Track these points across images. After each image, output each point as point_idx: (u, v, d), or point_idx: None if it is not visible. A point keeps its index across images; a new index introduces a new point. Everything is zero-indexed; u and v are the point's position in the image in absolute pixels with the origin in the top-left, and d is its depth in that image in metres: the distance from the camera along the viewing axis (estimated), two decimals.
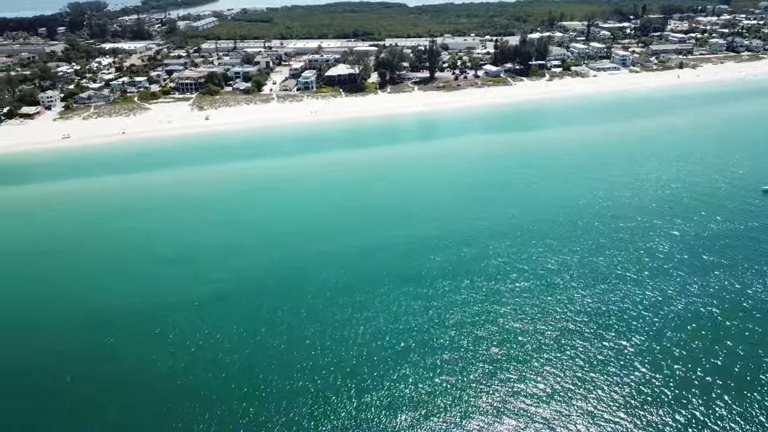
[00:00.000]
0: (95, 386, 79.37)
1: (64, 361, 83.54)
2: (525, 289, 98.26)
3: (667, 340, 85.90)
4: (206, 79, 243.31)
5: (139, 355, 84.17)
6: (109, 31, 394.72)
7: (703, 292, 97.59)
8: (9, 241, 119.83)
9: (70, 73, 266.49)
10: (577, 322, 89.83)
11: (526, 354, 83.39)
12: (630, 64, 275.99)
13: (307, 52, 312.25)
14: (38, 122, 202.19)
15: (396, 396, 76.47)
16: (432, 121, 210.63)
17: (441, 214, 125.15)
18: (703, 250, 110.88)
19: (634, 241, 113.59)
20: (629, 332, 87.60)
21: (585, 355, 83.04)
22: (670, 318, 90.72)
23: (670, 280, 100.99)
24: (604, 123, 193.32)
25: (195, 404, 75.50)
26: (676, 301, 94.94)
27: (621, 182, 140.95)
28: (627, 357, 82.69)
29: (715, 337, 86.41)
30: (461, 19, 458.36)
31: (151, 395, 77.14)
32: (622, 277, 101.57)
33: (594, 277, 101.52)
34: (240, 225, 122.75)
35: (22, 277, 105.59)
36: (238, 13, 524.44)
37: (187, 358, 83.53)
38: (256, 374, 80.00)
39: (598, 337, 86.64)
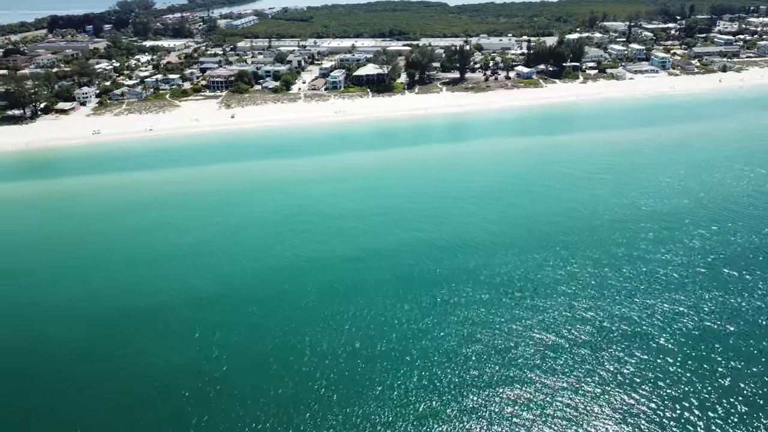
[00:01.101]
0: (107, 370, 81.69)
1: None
2: (526, 297, 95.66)
3: (672, 357, 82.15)
4: (236, 77, 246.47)
5: (136, 348, 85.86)
6: (152, 29, 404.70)
7: (717, 308, 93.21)
8: (28, 234, 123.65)
9: (108, 70, 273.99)
10: (577, 336, 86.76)
11: (519, 367, 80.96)
12: (669, 67, 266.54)
13: (340, 51, 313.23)
14: (72, 118, 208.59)
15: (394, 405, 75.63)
16: (453, 122, 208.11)
17: (445, 219, 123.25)
18: (722, 264, 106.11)
19: (649, 251, 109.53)
20: (631, 349, 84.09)
21: (580, 372, 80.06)
22: (679, 335, 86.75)
23: (683, 294, 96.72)
24: (631, 128, 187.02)
25: (192, 402, 76.39)
26: (686, 318, 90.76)
27: (643, 190, 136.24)
28: (625, 376, 79.33)
29: (726, 356, 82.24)
30: (500, 18, 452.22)
31: (149, 390, 78.51)
32: (630, 290, 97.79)
33: (600, 289, 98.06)
34: (251, 225, 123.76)
35: (31, 268, 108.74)
36: (279, 12, 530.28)
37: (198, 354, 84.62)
38: (255, 375, 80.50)
39: (597, 353, 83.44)
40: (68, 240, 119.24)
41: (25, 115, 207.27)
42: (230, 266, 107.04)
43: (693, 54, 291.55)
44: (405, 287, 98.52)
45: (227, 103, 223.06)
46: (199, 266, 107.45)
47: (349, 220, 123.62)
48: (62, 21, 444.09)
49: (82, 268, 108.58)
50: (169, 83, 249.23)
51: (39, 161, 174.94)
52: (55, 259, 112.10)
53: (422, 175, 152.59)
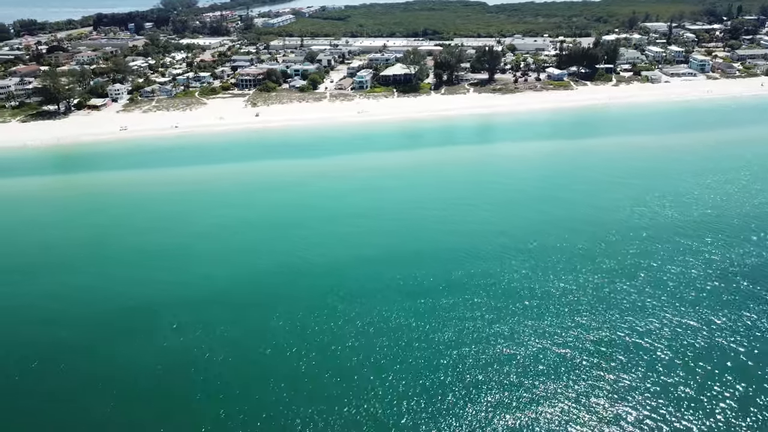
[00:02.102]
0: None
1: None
2: (529, 308, 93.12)
3: (676, 373, 78.91)
4: (265, 76, 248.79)
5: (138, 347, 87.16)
6: (191, 27, 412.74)
7: (731, 325, 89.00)
8: (40, 228, 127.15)
9: (144, 67, 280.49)
10: (579, 350, 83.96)
11: (515, 382, 78.74)
12: (709, 70, 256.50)
13: (371, 50, 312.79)
14: (103, 114, 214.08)
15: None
16: (476, 124, 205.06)
17: (453, 227, 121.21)
18: (742, 279, 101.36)
19: (665, 263, 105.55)
20: (631, 366, 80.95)
21: (579, 387, 77.40)
22: (685, 353, 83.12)
23: (696, 309, 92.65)
24: (661, 133, 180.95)
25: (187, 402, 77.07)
26: (696, 335, 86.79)
27: (668, 198, 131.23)
28: (623, 393, 76.35)
29: (736, 377, 78.40)
30: (539, 18, 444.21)
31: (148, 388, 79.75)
32: (641, 302, 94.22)
33: (609, 301, 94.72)
34: (258, 225, 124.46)
35: (40, 262, 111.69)
36: (316, 11, 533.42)
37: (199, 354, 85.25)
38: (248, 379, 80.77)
39: (598, 369, 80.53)
40: (82, 236, 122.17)
41: (59, 110, 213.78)
42: (235, 267, 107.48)
43: (736, 57, 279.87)
44: (401, 295, 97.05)
45: (253, 102, 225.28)
46: (204, 264, 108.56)
47: (355, 225, 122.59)
48: (107, 19, 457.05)
49: (89, 263, 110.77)
50: (200, 81, 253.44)
51: (66, 156, 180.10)
52: (63, 254, 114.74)
53: (439, 177, 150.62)
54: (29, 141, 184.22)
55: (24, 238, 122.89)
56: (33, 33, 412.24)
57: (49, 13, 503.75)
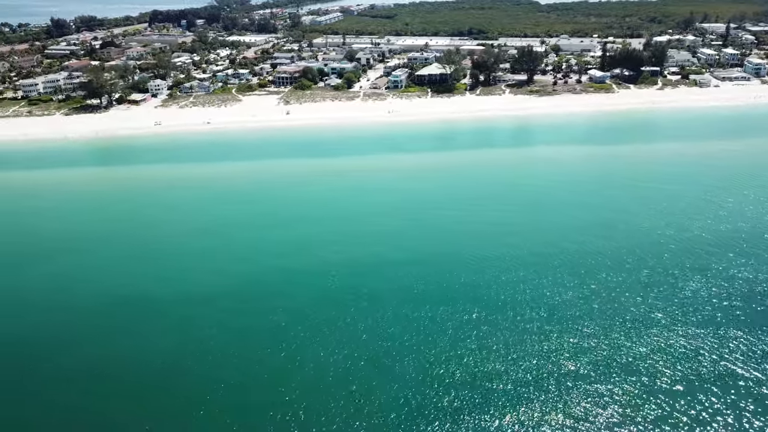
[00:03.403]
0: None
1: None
2: (533, 321, 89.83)
3: (675, 398, 74.68)
4: (301, 74, 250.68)
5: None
6: (239, 25, 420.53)
7: (741, 349, 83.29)
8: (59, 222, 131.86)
9: (187, 63, 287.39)
10: (578, 367, 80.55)
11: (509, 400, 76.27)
12: (765, 74, 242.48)
13: (413, 49, 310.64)
14: (142, 108, 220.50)
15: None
16: (506, 127, 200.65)
17: (471, 228, 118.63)
18: (764, 299, 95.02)
19: (685, 278, 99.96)
20: (631, 387, 76.92)
21: (573, 408, 74.25)
22: (689, 377, 78.43)
23: (707, 330, 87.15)
24: (699, 140, 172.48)
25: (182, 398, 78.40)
26: (704, 357, 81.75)
27: (694, 208, 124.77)
28: (620, 417, 72.80)
29: (745, 407, 73.61)
30: (590, 18, 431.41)
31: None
32: (648, 321, 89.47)
33: (611, 318, 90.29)
34: (270, 224, 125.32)
35: (53, 254, 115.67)
36: (365, 9, 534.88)
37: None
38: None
39: (594, 389, 77.00)
40: (103, 229, 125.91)
41: (101, 104, 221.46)
42: (242, 264, 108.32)
43: None
44: (415, 298, 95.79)
45: (286, 100, 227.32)
46: (207, 262, 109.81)
47: (370, 224, 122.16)
48: (161, 15, 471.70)
49: (107, 253, 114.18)
50: (239, 78, 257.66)
51: (103, 149, 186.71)
52: (78, 247, 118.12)
53: (463, 180, 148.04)
54: (70, 134, 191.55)
55: (48, 224, 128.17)
56: (92, 29, 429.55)
57: (108, 9, 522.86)
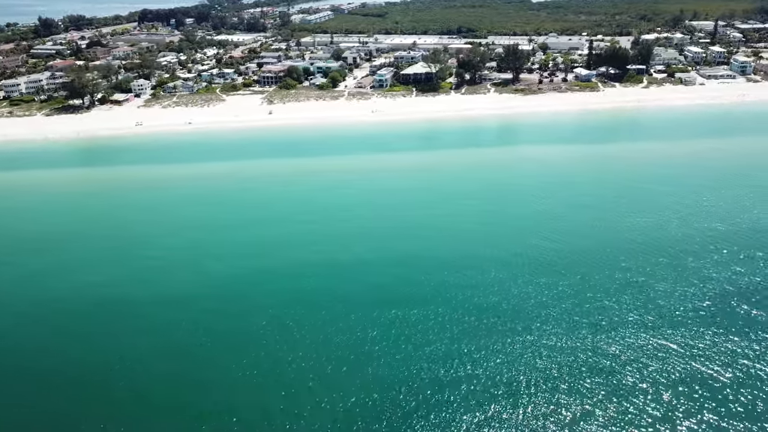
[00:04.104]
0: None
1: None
2: (501, 324, 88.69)
3: (643, 400, 73.81)
4: (285, 73, 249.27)
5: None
6: (228, 24, 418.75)
7: (710, 351, 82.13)
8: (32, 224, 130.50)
9: (173, 63, 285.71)
10: (546, 368, 79.61)
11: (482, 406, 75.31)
12: (750, 72, 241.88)
13: (401, 48, 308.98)
14: (124, 108, 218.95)
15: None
16: (487, 126, 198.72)
17: (442, 230, 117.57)
18: (739, 301, 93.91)
19: (659, 279, 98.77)
20: (597, 389, 76.07)
21: (539, 410, 73.37)
22: (658, 376, 77.70)
23: (677, 332, 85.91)
24: (681, 140, 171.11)
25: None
26: (674, 360, 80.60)
27: (673, 208, 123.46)
28: (586, 418, 72.01)
29: (713, 408, 72.69)
30: (581, 16, 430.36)
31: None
32: (618, 322, 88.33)
33: (581, 319, 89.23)
34: (241, 224, 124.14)
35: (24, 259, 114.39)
36: (356, 7, 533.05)
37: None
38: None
39: (560, 390, 76.15)
40: (78, 230, 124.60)
41: (83, 105, 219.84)
42: (215, 265, 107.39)
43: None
44: (378, 302, 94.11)
45: (270, 99, 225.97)
46: (184, 263, 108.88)
47: (343, 225, 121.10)
48: (151, 15, 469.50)
49: (74, 261, 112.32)
50: (224, 77, 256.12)
51: (83, 150, 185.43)
52: (53, 248, 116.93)
53: (440, 180, 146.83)
54: (50, 134, 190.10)
55: (22, 225, 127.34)
56: (80, 28, 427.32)
57: (98, 8, 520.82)
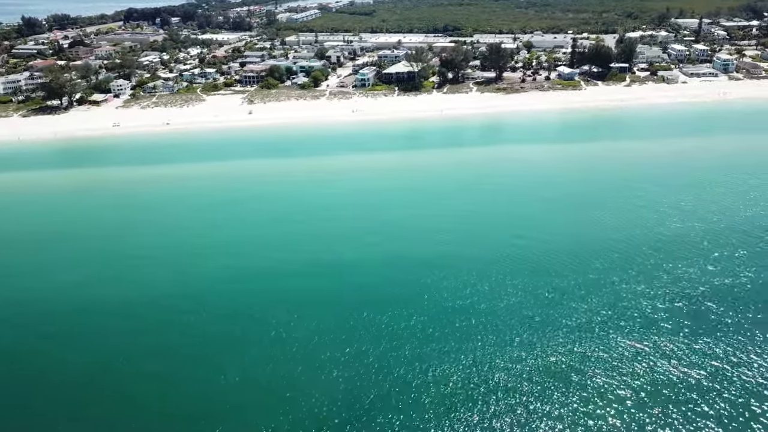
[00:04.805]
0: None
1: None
2: (474, 326, 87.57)
3: (610, 410, 72.64)
4: (267, 72, 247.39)
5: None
6: (214, 23, 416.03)
7: (683, 354, 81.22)
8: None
9: (155, 63, 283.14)
10: (510, 376, 78.25)
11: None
12: (732, 70, 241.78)
13: (386, 46, 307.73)
14: (102, 109, 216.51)
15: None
16: (466, 126, 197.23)
17: (408, 232, 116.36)
18: (707, 301, 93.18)
19: (631, 280, 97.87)
20: (564, 395, 74.89)
21: (503, 418, 72.23)
22: (626, 381, 76.64)
23: (645, 335, 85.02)
24: (658, 139, 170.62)
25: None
26: (644, 362, 79.55)
27: (645, 209, 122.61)
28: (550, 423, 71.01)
29: (678, 411, 71.88)
30: (568, 14, 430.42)
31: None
32: (587, 325, 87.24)
33: (551, 323, 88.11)
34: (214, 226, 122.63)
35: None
36: (344, 6, 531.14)
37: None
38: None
39: (526, 397, 75.02)
40: (47, 231, 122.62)
41: (61, 105, 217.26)
42: (193, 267, 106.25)
43: (767, 55, 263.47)
44: (354, 304, 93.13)
45: (250, 99, 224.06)
46: (162, 266, 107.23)
47: (318, 225, 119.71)
48: (137, 14, 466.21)
49: (51, 262, 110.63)
50: (206, 77, 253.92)
51: (58, 151, 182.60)
52: (19, 252, 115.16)
53: (416, 180, 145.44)
54: (23, 136, 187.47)
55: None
56: (64, 27, 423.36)
57: (83, 7, 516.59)
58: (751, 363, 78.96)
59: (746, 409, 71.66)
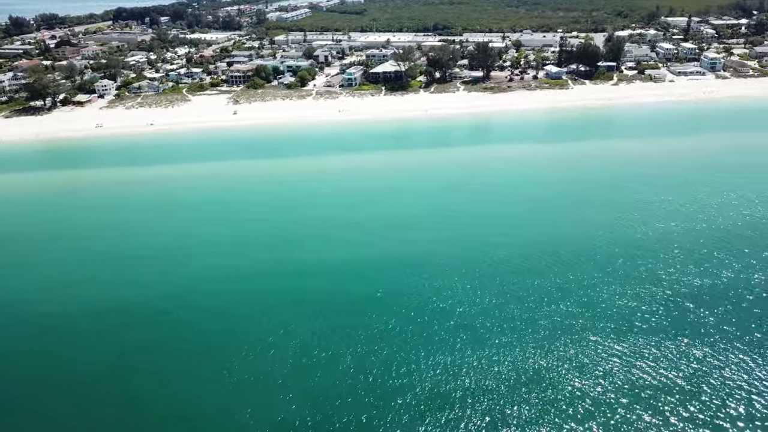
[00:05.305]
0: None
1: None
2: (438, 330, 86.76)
3: (586, 411, 71.95)
4: (254, 72, 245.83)
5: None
6: (203, 22, 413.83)
7: (661, 356, 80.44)
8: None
9: (142, 63, 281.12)
10: (483, 379, 77.41)
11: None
12: (720, 69, 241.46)
13: (374, 46, 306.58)
14: (86, 110, 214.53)
15: None
16: (452, 126, 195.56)
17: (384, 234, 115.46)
18: (688, 303, 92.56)
19: (610, 282, 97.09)
20: (537, 399, 74.05)
21: (477, 423, 71.37)
22: (602, 384, 75.90)
23: (621, 337, 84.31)
24: (642, 138, 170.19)
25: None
26: (621, 365, 78.86)
27: (623, 210, 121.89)
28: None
29: (655, 414, 71.19)
30: (558, 12, 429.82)
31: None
32: (562, 328, 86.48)
33: (527, 326, 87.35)
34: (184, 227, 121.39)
35: None
36: (335, 5, 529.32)
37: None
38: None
39: (498, 401, 74.08)
40: (22, 233, 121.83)
41: (44, 106, 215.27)
42: (177, 267, 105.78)
43: (755, 54, 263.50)
44: (326, 309, 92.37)
45: (236, 99, 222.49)
46: (149, 267, 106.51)
47: (297, 228, 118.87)
48: (126, 13, 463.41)
49: (33, 263, 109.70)
50: (192, 77, 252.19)
51: (40, 152, 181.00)
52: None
53: (397, 182, 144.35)
54: (4, 137, 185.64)
55: None
56: (52, 27, 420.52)
57: (72, 7, 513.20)
58: (729, 365, 78.38)
59: (722, 411, 71.13)
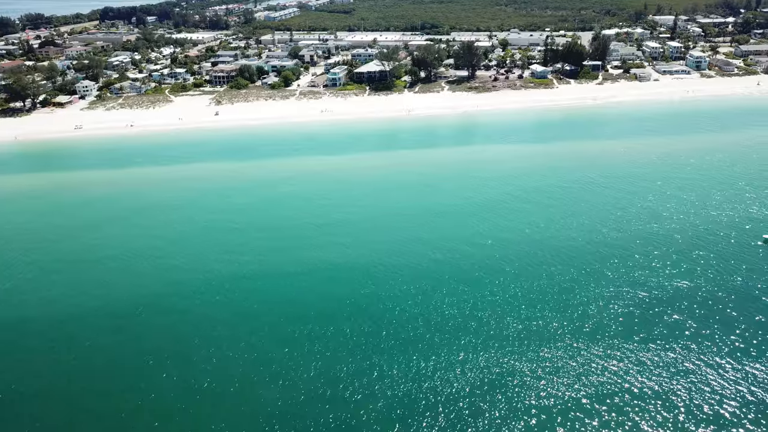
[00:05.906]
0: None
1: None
2: (420, 335, 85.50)
3: (552, 420, 70.81)
4: (237, 72, 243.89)
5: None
6: (190, 22, 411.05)
7: (634, 360, 79.69)
8: None
9: (126, 63, 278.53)
10: (458, 385, 76.33)
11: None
12: (705, 67, 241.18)
13: (360, 45, 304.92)
14: (66, 111, 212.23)
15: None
16: (434, 125, 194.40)
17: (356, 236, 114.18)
18: (661, 306, 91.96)
19: (587, 285, 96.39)
20: (506, 405, 72.99)
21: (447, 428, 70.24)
22: (576, 388, 75.14)
23: (595, 342, 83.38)
24: (621, 138, 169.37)
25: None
26: (594, 369, 77.98)
27: (608, 213, 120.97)
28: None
29: (627, 418, 70.35)
30: (547, 11, 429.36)
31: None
32: (538, 333, 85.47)
33: (498, 330, 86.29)
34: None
35: None
36: (324, 4, 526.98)
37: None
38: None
39: (468, 406, 73.05)
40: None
41: (24, 107, 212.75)
42: (153, 270, 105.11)
43: (740, 52, 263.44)
44: (293, 315, 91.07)
45: (218, 100, 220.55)
46: (120, 270, 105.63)
47: (273, 232, 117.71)
48: (112, 13, 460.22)
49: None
50: (175, 77, 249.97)
51: (17, 155, 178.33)
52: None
53: (371, 183, 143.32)
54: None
55: None
56: (38, 27, 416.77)
57: (59, 6, 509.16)
58: (702, 368, 77.69)
59: (692, 415, 70.38)
